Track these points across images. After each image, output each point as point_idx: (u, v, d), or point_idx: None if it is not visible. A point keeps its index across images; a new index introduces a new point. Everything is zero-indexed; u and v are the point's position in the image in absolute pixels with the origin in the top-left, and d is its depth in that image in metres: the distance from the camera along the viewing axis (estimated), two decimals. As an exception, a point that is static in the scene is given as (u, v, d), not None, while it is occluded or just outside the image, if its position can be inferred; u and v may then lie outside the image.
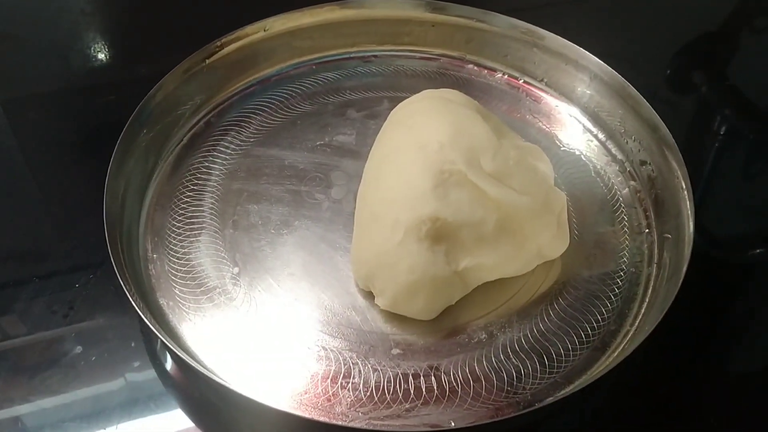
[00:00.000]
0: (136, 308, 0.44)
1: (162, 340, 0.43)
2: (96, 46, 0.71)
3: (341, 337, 0.47)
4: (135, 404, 0.46)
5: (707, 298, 0.52)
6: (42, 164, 0.61)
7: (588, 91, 0.61)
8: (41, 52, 0.70)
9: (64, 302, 0.50)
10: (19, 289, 0.51)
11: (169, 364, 0.48)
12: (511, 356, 0.46)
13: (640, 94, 0.57)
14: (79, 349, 0.48)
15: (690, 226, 0.49)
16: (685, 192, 0.51)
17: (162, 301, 0.49)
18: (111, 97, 0.65)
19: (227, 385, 0.42)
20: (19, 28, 0.72)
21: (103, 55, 0.70)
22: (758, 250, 0.58)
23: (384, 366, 0.46)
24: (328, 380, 0.45)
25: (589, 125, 0.61)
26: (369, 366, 0.46)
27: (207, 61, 0.60)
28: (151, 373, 0.47)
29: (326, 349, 0.46)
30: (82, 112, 0.65)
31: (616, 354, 0.47)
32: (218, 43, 0.60)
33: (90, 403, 0.46)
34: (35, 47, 0.71)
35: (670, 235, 0.52)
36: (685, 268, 0.46)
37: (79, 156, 0.61)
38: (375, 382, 0.45)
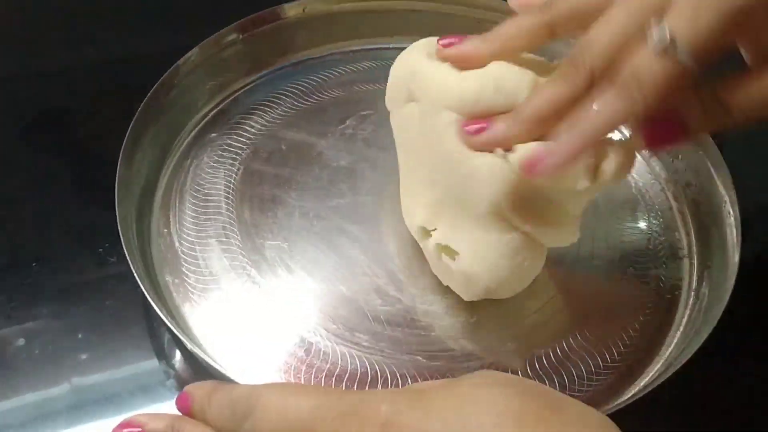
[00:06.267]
0: (143, 289, 0.42)
1: (169, 326, 0.41)
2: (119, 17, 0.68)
3: (360, 331, 0.45)
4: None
5: (741, 331, 0.48)
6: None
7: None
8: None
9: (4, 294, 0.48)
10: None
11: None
12: (541, 373, 0.44)
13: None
14: (21, 341, 0.46)
15: (735, 255, 0.46)
16: (732, 218, 0.48)
17: (168, 279, 0.47)
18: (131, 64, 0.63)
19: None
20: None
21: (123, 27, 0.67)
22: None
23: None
24: (354, 384, 0.43)
25: (634, 140, 0.58)
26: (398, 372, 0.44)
27: (240, 36, 0.57)
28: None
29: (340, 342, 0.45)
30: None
31: (643, 383, 0.44)
32: (253, 19, 0.57)
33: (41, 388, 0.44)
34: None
35: (711, 264, 0.49)
36: (726, 300, 0.43)
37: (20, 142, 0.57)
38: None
